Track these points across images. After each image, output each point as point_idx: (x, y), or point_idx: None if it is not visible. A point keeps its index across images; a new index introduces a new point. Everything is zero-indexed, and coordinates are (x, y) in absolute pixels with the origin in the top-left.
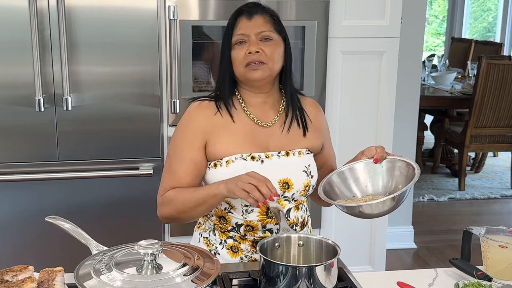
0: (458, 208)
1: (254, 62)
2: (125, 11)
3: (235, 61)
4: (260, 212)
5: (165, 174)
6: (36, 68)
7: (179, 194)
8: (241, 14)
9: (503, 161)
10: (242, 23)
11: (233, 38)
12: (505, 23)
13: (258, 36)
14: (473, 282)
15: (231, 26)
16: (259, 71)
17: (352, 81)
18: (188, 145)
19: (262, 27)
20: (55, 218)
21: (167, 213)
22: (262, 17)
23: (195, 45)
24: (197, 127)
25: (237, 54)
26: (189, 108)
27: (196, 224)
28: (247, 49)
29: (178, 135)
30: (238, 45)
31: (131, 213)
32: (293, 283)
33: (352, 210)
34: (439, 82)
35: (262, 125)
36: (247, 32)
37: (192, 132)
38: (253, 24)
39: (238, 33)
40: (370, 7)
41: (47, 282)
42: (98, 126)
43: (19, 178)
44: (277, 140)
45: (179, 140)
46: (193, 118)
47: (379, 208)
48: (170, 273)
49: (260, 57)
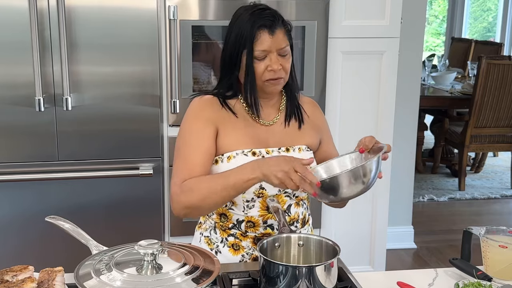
0: (458, 208)
1: (275, 78)
2: (125, 11)
3: (256, 74)
4: (261, 207)
5: (178, 166)
6: (36, 68)
7: (201, 181)
8: (263, 28)
9: (503, 161)
10: (264, 37)
11: (255, 53)
12: (505, 23)
13: (278, 51)
14: (473, 282)
15: (250, 37)
16: (278, 86)
17: (352, 81)
18: (199, 135)
19: (283, 43)
20: (55, 218)
21: (188, 202)
22: (281, 30)
23: (195, 45)
24: (206, 117)
25: (258, 69)
26: (193, 102)
27: (197, 224)
28: (269, 64)
29: (186, 127)
30: (259, 60)
31: (131, 213)
32: (293, 283)
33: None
34: (439, 82)
35: (264, 124)
36: (268, 48)
37: (202, 122)
38: (275, 40)
39: (259, 49)
40: (370, 7)
41: (47, 282)
42: (98, 126)
43: (19, 178)
44: (277, 137)
45: (189, 131)
46: (201, 109)
47: (341, 184)
48: (170, 273)
49: (281, 73)
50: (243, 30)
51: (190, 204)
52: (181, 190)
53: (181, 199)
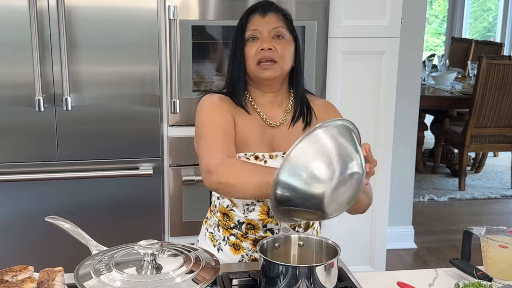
0: (458, 208)
1: (267, 59)
2: (125, 11)
3: (247, 57)
4: (261, 212)
5: (207, 146)
6: (36, 68)
7: (245, 164)
8: (254, 11)
9: (503, 161)
10: (255, 19)
11: (246, 34)
12: (505, 23)
13: (271, 33)
14: (473, 282)
15: (244, 22)
16: (270, 70)
17: (352, 81)
18: (222, 118)
19: (275, 24)
20: (55, 218)
21: (225, 177)
22: (276, 15)
23: (195, 45)
24: (224, 107)
25: (249, 51)
26: (206, 98)
27: (204, 219)
28: (260, 45)
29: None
30: (251, 41)
31: (131, 213)
32: (293, 283)
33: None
34: (439, 82)
35: (271, 124)
36: (260, 28)
37: (221, 110)
38: (266, 21)
39: (251, 29)
40: (370, 7)
41: (47, 282)
42: (98, 126)
43: (19, 178)
44: (280, 139)
45: (211, 116)
46: (217, 102)
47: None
48: (170, 273)
49: (272, 54)
50: (240, 21)
51: (226, 180)
52: (222, 163)
53: (219, 171)
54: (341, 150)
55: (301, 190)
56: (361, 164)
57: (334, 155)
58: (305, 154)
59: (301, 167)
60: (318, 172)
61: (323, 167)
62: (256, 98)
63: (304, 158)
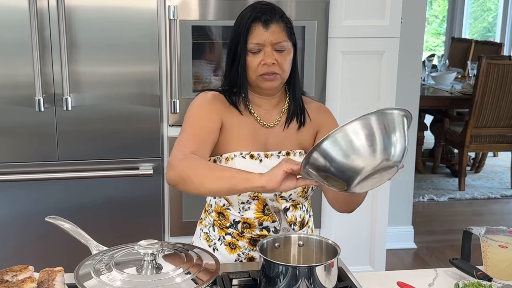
0: (458, 208)
1: (269, 73)
2: (125, 11)
3: (249, 68)
4: (256, 210)
5: (183, 138)
6: (36, 68)
7: (207, 162)
8: (257, 20)
9: (503, 161)
10: (258, 30)
11: (248, 45)
12: (505, 23)
13: (273, 46)
14: (473, 282)
15: (245, 31)
16: (271, 82)
17: (352, 81)
18: (206, 118)
19: (278, 37)
20: (55, 218)
21: (184, 171)
22: (278, 26)
23: (195, 45)
24: (214, 107)
25: (252, 62)
26: (200, 95)
27: (199, 219)
28: (262, 59)
29: (194, 111)
30: (253, 52)
31: (131, 213)
32: (293, 283)
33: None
34: (439, 82)
35: (265, 125)
36: (262, 41)
37: (210, 109)
38: (269, 33)
39: (253, 42)
40: (370, 7)
41: (47, 282)
42: (98, 126)
43: (19, 178)
44: (275, 139)
45: (197, 113)
46: (209, 101)
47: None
48: (170, 273)
49: (274, 68)
50: (240, 24)
51: (185, 175)
52: (184, 157)
53: (180, 164)
54: (392, 139)
55: (340, 160)
56: (401, 160)
57: (387, 141)
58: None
59: (349, 141)
60: (363, 150)
61: (368, 148)
62: (252, 100)
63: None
